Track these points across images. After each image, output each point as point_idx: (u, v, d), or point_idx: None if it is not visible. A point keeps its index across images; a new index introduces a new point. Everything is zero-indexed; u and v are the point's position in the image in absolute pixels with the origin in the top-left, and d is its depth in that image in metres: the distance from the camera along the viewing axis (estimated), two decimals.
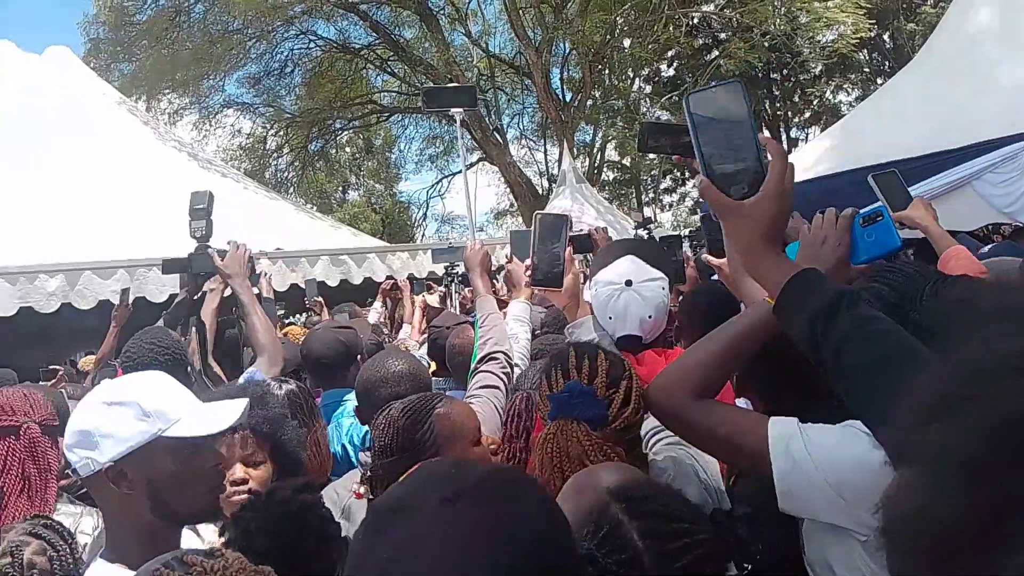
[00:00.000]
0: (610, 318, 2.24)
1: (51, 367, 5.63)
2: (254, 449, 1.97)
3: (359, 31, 21.09)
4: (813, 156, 7.42)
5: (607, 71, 21.34)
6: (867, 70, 25.24)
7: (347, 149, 29.43)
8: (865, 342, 1.08)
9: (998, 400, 0.45)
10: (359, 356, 3.04)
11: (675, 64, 24.41)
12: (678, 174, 25.48)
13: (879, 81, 22.70)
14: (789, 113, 26.82)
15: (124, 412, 1.54)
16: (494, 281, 6.47)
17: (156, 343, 3.22)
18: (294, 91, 22.21)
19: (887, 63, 25.26)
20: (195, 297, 3.73)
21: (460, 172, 26.10)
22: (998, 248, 4.48)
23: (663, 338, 2.35)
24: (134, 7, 18.51)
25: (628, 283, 2.22)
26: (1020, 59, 5.76)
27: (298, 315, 8.34)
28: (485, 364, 2.42)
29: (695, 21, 20.20)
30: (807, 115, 26.85)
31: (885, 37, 23.77)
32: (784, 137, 26.52)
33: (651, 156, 24.45)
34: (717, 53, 20.55)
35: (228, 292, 3.73)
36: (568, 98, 21.92)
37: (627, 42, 20.53)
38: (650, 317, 2.21)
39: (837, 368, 1.11)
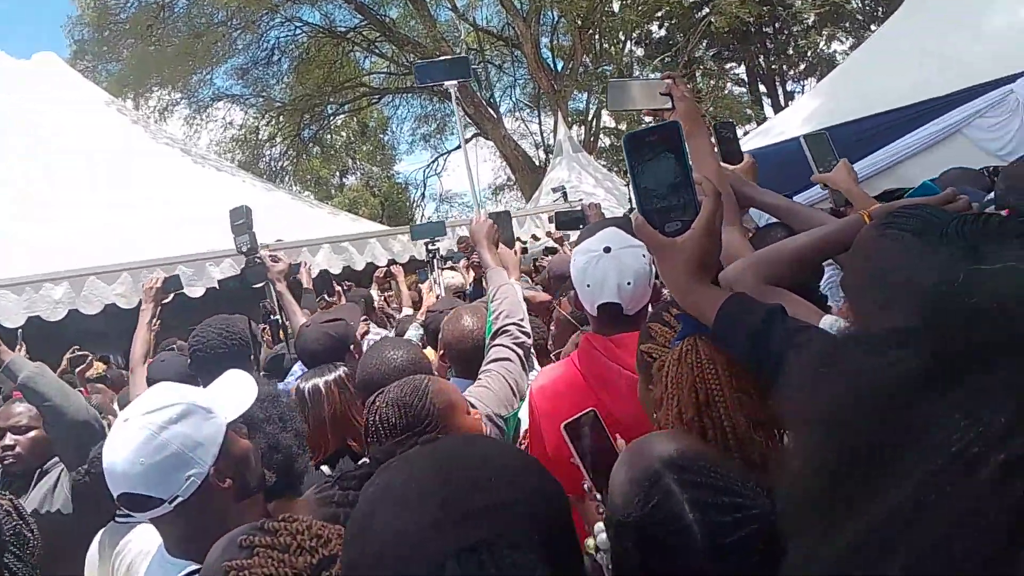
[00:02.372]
0: (588, 286, 2.14)
1: (78, 353, 5.62)
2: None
3: (344, 13, 20.97)
4: (808, 110, 7.37)
5: (597, 36, 21.15)
6: (860, 17, 24.90)
7: (342, 134, 29.31)
8: (801, 349, 1.13)
9: (846, 375, 0.52)
10: (351, 345, 3.07)
11: (666, 24, 24.13)
12: None
13: (873, 28, 22.41)
14: (784, 67, 26.54)
15: (193, 419, 1.57)
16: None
17: (224, 330, 3.34)
18: (283, 79, 22.12)
19: (880, 9, 24.92)
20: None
21: (456, 149, 26.07)
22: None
23: (644, 314, 2.17)
24: (117, 5, 18.41)
25: (607, 249, 2.12)
26: (1007, 1, 5.70)
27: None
28: (497, 339, 2.41)
29: None
30: (802, 67, 26.56)
31: None
32: (781, 91, 26.32)
33: (647, 119, 24.18)
34: (708, 10, 20.31)
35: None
36: (559, 67, 21.76)
37: (616, 5, 20.32)
38: (629, 284, 2.09)
39: (780, 376, 1.15)
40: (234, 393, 1.73)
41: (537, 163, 21.39)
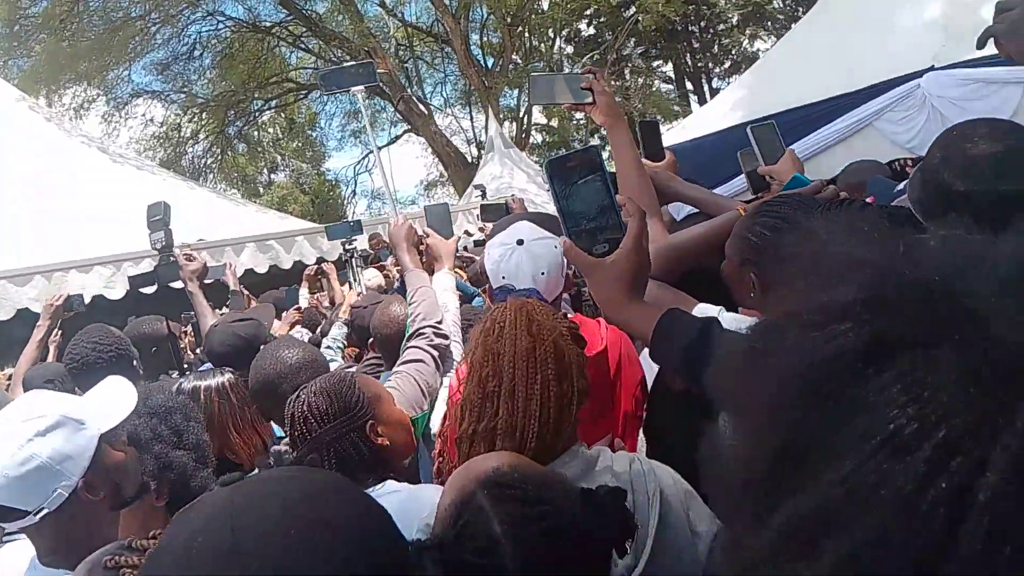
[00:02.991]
0: (503, 278, 2.16)
1: None
2: None
3: (268, 8, 20.50)
4: (727, 105, 7.54)
5: (527, 33, 21.23)
6: (781, 17, 25.58)
7: (269, 130, 28.67)
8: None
9: (784, 352, 0.48)
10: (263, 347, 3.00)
11: (594, 23, 24.36)
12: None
13: (793, 27, 23.07)
14: (710, 64, 27.08)
15: (63, 431, 1.51)
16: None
17: (99, 342, 3.21)
18: (205, 74, 21.51)
19: (800, 9, 25.63)
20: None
21: (388, 144, 25.81)
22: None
23: (560, 301, 2.26)
24: None
25: (520, 242, 2.15)
26: (914, 1, 5.95)
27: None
28: (413, 340, 2.43)
29: None
30: (727, 65, 27.14)
31: None
32: (707, 88, 26.82)
33: (578, 116, 24.52)
34: (634, 9, 20.59)
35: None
36: (490, 63, 21.77)
37: (545, 3, 20.44)
38: (543, 274, 2.12)
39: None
40: (111, 401, 1.67)
41: (469, 159, 21.36)
